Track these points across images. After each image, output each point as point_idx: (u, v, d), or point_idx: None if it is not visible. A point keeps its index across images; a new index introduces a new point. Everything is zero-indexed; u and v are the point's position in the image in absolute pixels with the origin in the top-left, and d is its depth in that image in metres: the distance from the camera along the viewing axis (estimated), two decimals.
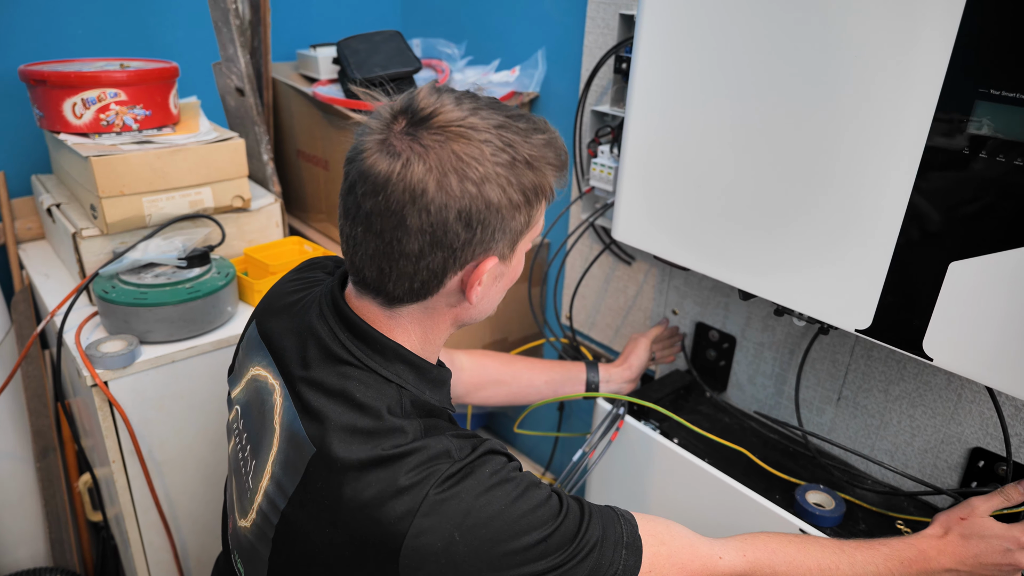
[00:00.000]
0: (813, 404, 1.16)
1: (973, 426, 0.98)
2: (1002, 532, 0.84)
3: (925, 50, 0.72)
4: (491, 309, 0.79)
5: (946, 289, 0.76)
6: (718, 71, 0.90)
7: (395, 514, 0.63)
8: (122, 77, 1.21)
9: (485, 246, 0.68)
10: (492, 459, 0.69)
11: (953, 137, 0.72)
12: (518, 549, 0.65)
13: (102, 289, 1.12)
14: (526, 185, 0.68)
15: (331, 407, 0.69)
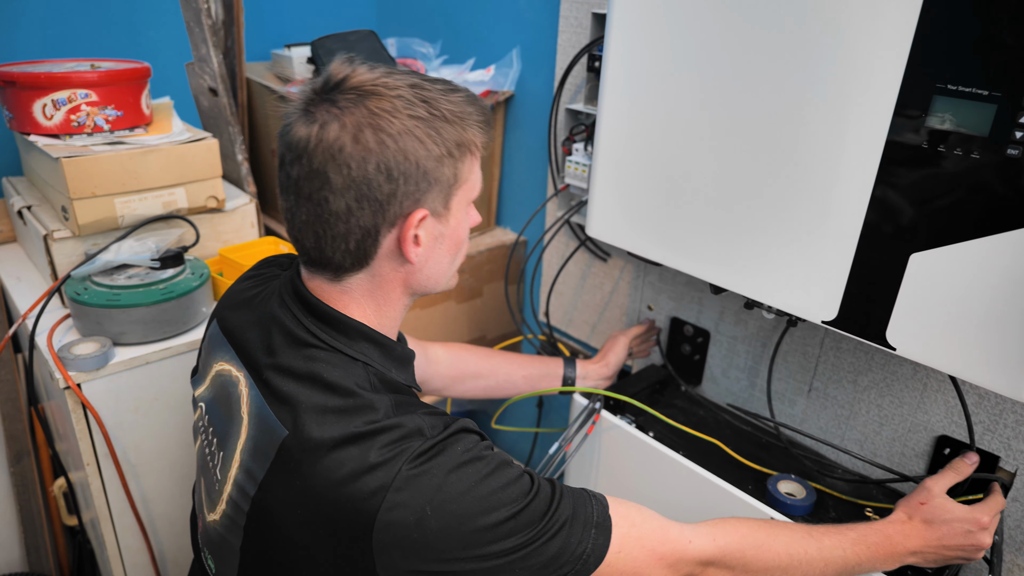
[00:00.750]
0: (785, 396, 1.18)
1: (939, 414, 1.00)
2: (963, 515, 0.86)
3: (885, 47, 0.73)
4: (442, 276, 0.79)
5: (907, 280, 0.78)
6: (686, 68, 0.91)
7: (368, 489, 0.64)
8: (93, 78, 1.20)
9: (412, 198, 0.70)
10: (465, 437, 0.70)
11: (912, 132, 0.73)
12: (488, 525, 0.65)
13: (74, 291, 1.11)
14: (446, 138, 0.70)
15: (300, 390, 0.70)
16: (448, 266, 0.79)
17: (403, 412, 0.70)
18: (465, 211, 0.77)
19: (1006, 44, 0.66)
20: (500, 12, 1.52)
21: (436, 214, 0.73)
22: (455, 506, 0.65)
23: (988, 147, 0.69)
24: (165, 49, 1.55)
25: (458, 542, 0.65)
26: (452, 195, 0.73)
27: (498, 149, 1.61)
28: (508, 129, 1.59)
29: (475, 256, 1.55)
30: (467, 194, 0.76)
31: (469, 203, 0.77)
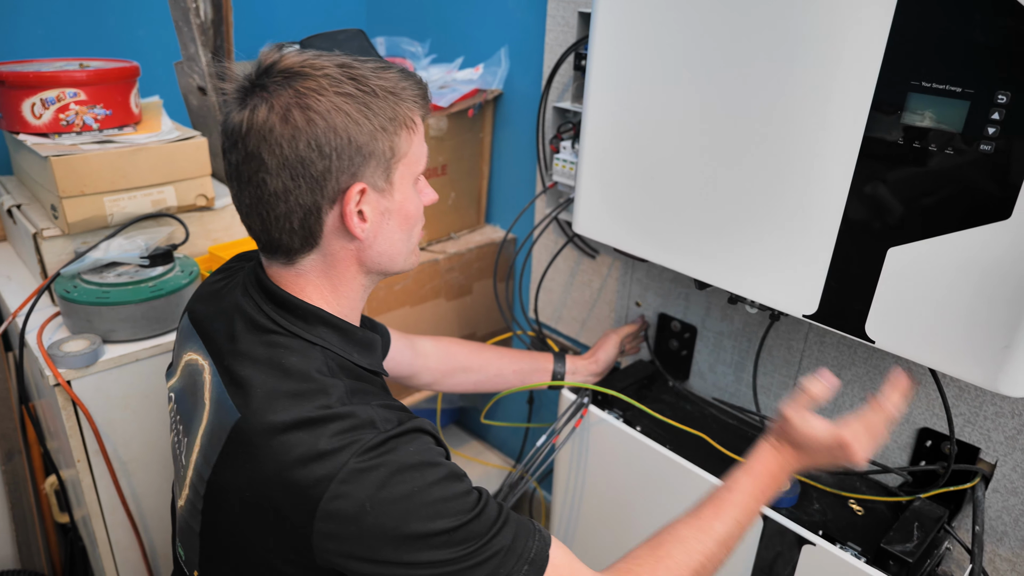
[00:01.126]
0: (771, 390, 1.19)
1: (920, 407, 1.01)
2: (823, 438, 0.84)
3: (861, 45, 0.75)
4: (398, 254, 0.79)
5: (885, 274, 0.79)
6: (669, 66, 0.92)
7: (314, 477, 0.65)
8: (81, 77, 1.20)
9: (349, 173, 0.71)
10: (418, 438, 0.70)
11: (888, 128, 0.74)
12: (423, 533, 0.66)
13: (64, 289, 1.12)
14: (377, 112, 0.71)
15: (256, 374, 0.71)
16: (402, 243, 0.79)
17: (358, 401, 0.71)
18: (412, 186, 0.78)
19: (977, 42, 0.67)
20: (488, 11, 1.53)
21: (378, 189, 0.74)
22: (395, 507, 0.65)
23: (962, 143, 0.70)
24: (155, 48, 1.56)
25: (391, 543, 0.65)
26: (392, 169, 0.74)
27: (487, 147, 1.61)
28: (497, 127, 1.60)
29: (464, 254, 1.56)
30: (410, 168, 0.76)
31: (416, 178, 0.78)
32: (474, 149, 1.59)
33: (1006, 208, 0.69)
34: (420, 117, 0.77)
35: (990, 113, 0.67)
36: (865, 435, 0.82)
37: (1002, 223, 0.69)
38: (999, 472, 0.96)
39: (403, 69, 0.76)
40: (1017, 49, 0.65)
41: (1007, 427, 0.93)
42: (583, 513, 1.28)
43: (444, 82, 1.51)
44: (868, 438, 0.82)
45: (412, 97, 0.75)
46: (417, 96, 0.75)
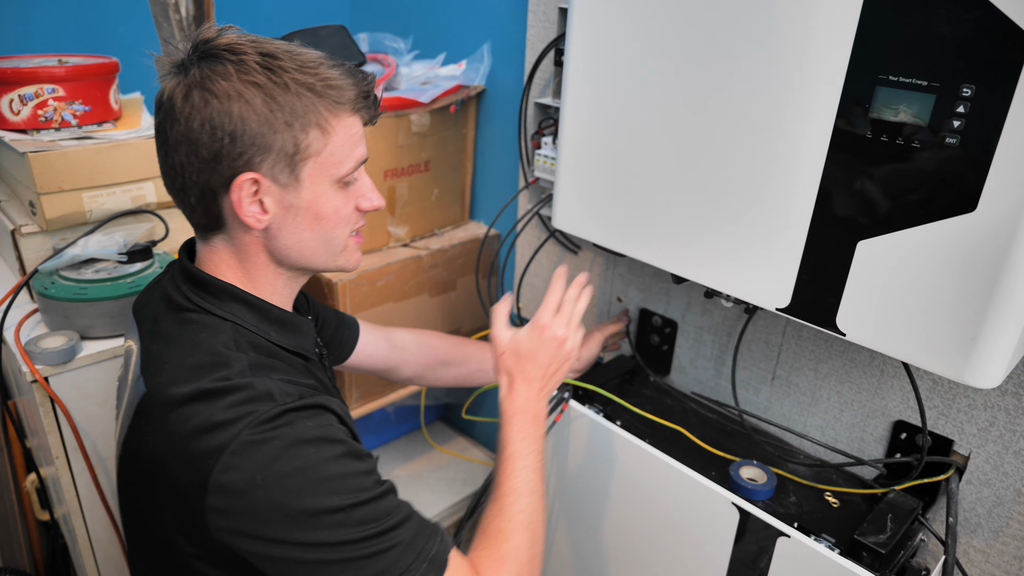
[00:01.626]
0: (750, 384, 1.20)
1: (895, 400, 1.02)
2: (528, 332, 0.90)
3: (830, 40, 0.75)
4: (311, 252, 0.78)
5: (855, 267, 0.79)
6: (643, 61, 0.93)
7: (207, 448, 0.65)
8: (60, 73, 1.20)
9: (242, 160, 0.71)
10: (320, 415, 0.70)
11: (857, 122, 0.75)
12: (316, 509, 0.65)
13: (41, 285, 1.11)
14: (283, 106, 0.70)
15: (166, 350, 0.73)
16: (316, 242, 0.78)
17: (259, 374, 0.71)
18: (329, 187, 0.76)
19: (943, 35, 0.68)
20: (471, 7, 1.53)
21: (279, 183, 0.73)
22: (287, 481, 0.64)
23: (928, 136, 0.70)
24: (137, 45, 1.55)
25: (282, 519, 0.65)
26: (299, 167, 0.73)
27: (471, 143, 1.61)
28: (480, 124, 1.60)
29: (448, 250, 1.56)
30: (324, 168, 0.74)
31: (335, 180, 0.76)
32: (457, 145, 1.59)
33: (972, 201, 0.69)
34: (346, 119, 0.75)
35: (955, 106, 0.68)
36: (555, 314, 0.90)
37: (968, 216, 0.70)
38: (972, 464, 0.96)
39: (352, 69, 0.75)
40: (980, 42, 0.66)
41: (980, 419, 0.94)
42: (564, 507, 1.28)
43: (426, 78, 1.51)
44: (560, 317, 0.91)
45: (339, 98, 0.73)
46: (348, 98, 0.74)
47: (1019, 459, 0.92)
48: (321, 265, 0.81)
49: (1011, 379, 0.90)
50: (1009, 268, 0.69)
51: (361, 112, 0.77)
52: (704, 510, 1.03)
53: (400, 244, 1.56)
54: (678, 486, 1.05)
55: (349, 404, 1.51)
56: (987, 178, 0.68)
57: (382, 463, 1.81)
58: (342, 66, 0.75)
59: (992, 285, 0.70)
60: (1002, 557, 0.97)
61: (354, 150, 0.76)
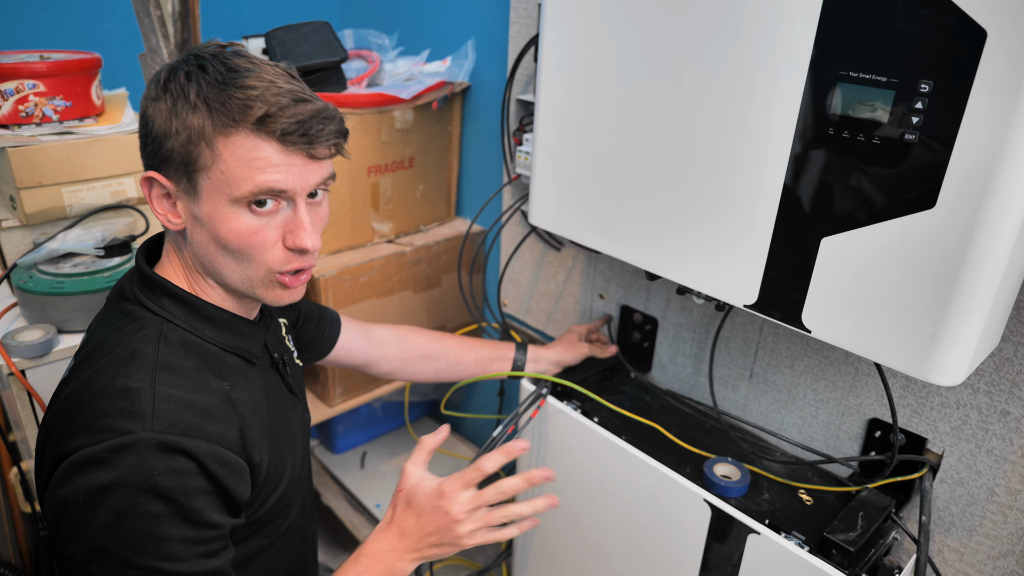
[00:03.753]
0: (728, 381, 1.20)
1: (870, 398, 1.02)
2: (430, 488, 0.83)
3: (792, 36, 0.75)
4: (219, 267, 0.78)
5: (819, 264, 0.79)
6: (613, 58, 0.93)
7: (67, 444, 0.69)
8: (41, 68, 1.21)
9: (154, 160, 0.75)
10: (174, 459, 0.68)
11: (819, 119, 0.75)
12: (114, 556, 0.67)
13: (20, 279, 1.12)
14: (180, 114, 0.72)
15: (96, 337, 0.79)
16: (224, 260, 0.76)
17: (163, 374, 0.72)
18: (228, 207, 0.73)
19: (901, 31, 0.67)
20: (456, 4, 1.53)
21: (183, 190, 0.75)
22: (104, 515, 0.66)
23: (888, 132, 0.70)
24: (123, 41, 1.56)
25: (83, 544, 0.67)
26: (196, 179, 0.73)
27: (456, 140, 1.62)
28: (466, 120, 1.60)
29: (432, 246, 1.57)
30: (217, 187, 0.72)
31: (232, 200, 0.73)
32: (443, 142, 1.59)
33: (931, 197, 0.69)
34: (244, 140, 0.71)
35: (914, 102, 0.68)
36: (469, 494, 0.82)
37: (927, 212, 0.70)
38: (946, 463, 0.96)
39: (301, 97, 0.72)
40: (938, 38, 0.66)
41: (952, 418, 0.94)
42: None
43: (411, 74, 1.52)
44: (473, 500, 0.82)
45: (237, 117, 0.70)
46: (248, 119, 0.70)
47: (991, 458, 0.92)
48: (238, 287, 0.79)
49: (982, 377, 0.90)
50: (968, 265, 0.69)
51: (281, 140, 0.71)
52: (678, 507, 1.03)
53: (384, 240, 1.56)
54: (652, 483, 1.06)
55: (332, 400, 1.52)
56: (946, 174, 0.68)
57: (369, 458, 1.82)
58: (279, 89, 0.71)
59: (952, 282, 0.70)
60: (976, 556, 0.97)
61: (255, 174, 0.71)
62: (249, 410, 0.79)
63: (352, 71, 1.49)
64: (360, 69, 1.51)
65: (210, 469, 0.70)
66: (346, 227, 1.48)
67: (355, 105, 1.38)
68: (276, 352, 0.93)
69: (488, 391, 1.76)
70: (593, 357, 1.31)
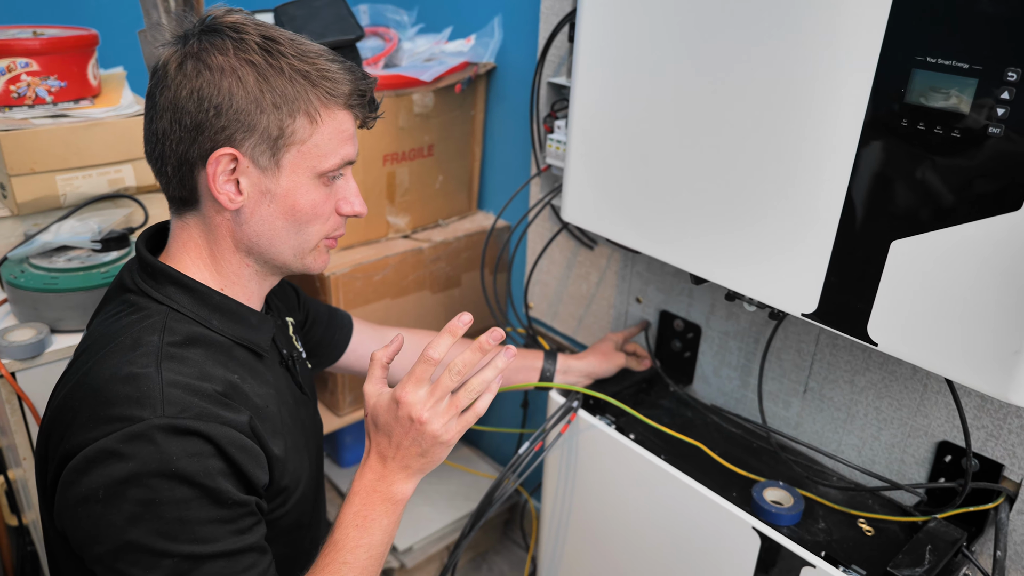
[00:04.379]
0: (779, 397, 1.19)
1: (939, 418, 1.01)
2: (386, 403, 0.82)
3: (860, 20, 0.74)
4: (280, 243, 0.82)
5: (888, 270, 0.79)
6: (660, 43, 0.93)
7: (76, 439, 0.71)
8: (34, 45, 1.23)
9: (224, 135, 0.76)
10: (191, 442, 0.70)
11: (891, 110, 0.74)
12: (145, 547, 0.69)
13: (11, 274, 1.14)
14: (274, 87, 0.76)
15: (97, 329, 0.81)
16: (287, 233, 0.82)
17: (168, 363, 0.74)
18: (310, 179, 0.80)
19: (987, 13, 0.67)
20: None
21: (259, 165, 0.78)
22: (127, 507, 0.68)
23: (969, 124, 0.70)
24: (119, 16, 1.58)
25: (109, 541, 0.68)
26: (281, 152, 0.78)
27: (479, 126, 1.62)
28: (490, 104, 1.61)
29: (452, 242, 1.57)
30: (307, 159, 0.79)
31: (316, 174, 0.80)
32: (465, 128, 1.60)
33: (1017, 198, 0.68)
34: (338, 113, 0.80)
35: (999, 92, 0.67)
36: (423, 390, 0.80)
37: (1012, 214, 0.69)
38: None
39: (351, 67, 0.81)
40: None
41: None
42: (573, 525, 1.29)
43: (431, 54, 1.53)
44: (430, 395, 0.80)
45: (333, 91, 0.78)
46: (343, 92, 0.79)
47: None
48: (288, 260, 0.85)
49: None
50: None
51: (355, 110, 0.82)
52: (723, 535, 1.03)
53: (400, 235, 1.57)
54: (695, 508, 1.05)
55: (341, 409, 1.53)
56: None
57: None
58: (342, 62, 0.80)
59: None
60: None
61: (341, 147, 0.81)
62: (259, 403, 0.82)
63: (367, 50, 1.50)
64: (376, 48, 1.52)
65: (227, 451, 0.73)
66: (358, 220, 1.49)
67: None
68: (285, 349, 0.95)
69: (511, 403, 1.77)
70: (628, 368, 1.31)
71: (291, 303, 1.11)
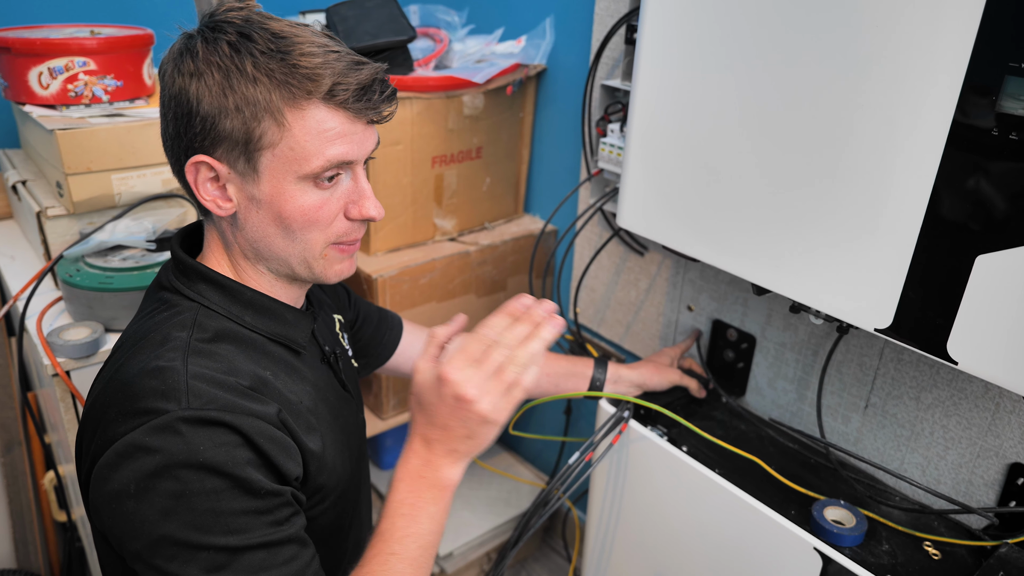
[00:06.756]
0: (838, 411, 1.16)
1: (1012, 439, 0.97)
2: (431, 381, 0.76)
3: (950, 20, 0.71)
4: (277, 249, 0.79)
5: (973, 285, 0.76)
6: (728, 45, 0.90)
7: (106, 433, 0.71)
8: (92, 45, 1.24)
9: (198, 141, 0.75)
10: (218, 433, 0.69)
11: (980, 116, 0.71)
12: (179, 541, 0.68)
13: (66, 273, 1.15)
14: (235, 90, 0.72)
15: (132, 326, 0.81)
16: (282, 241, 0.79)
17: (195, 358, 0.73)
18: (294, 184, 0.75)
19: None
20: None
21: (238, 171, 0.76)
22: (159, 501, 0.67)
23: None
24: (172, 15, 1.59)
25: (144, 536, 0.68)
26: (255, 157, 0.74)
27: (528, 129, 1.61)
28: (540, 107, 1.59)
29: (499, 246, 1.56)
30: (284, 163, 0.74)
31: (300, 177, 0.75)
32: (513, 130, 1.58)
33: None
34: (313, 111, 0.73)
35: None
36: (473, 368, 0.73)
37: None
38: None
39: (351, 61, 0.74)
40: None
41: None
42: (620, 538, 1.27)
43: (481, 55, 1.51)
44: (479, 372, 0.73)
45: (303, 88, 0.72)
46: (319, 90, 0.72)
47: None
48: (295, 268, 0.81)
49: None
50: None
51: (349, 108, 0.75)
52: (781, 554, 1.00)
53: (447, 238, 1.56)
54: (752, 525, 1.02)
55: (384, 412, 1.53)
56: None
57: None
58: (330, 53, 0.74)
59: None
60: None
61: (325, 146, 0.75)
62: (292, 399, 0.80)
63: (418, 51, 1.49)
64: (426, 49, 1.51)
65: (255, 441, 0.71)
66: (406, 222, 1.48)
67: (422, 89, 1.38)
68: (327, 345, 0.94)
69: (554, 409, 1.75)
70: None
71: (341, 302, 1.11)
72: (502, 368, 0.74)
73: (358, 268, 1.42)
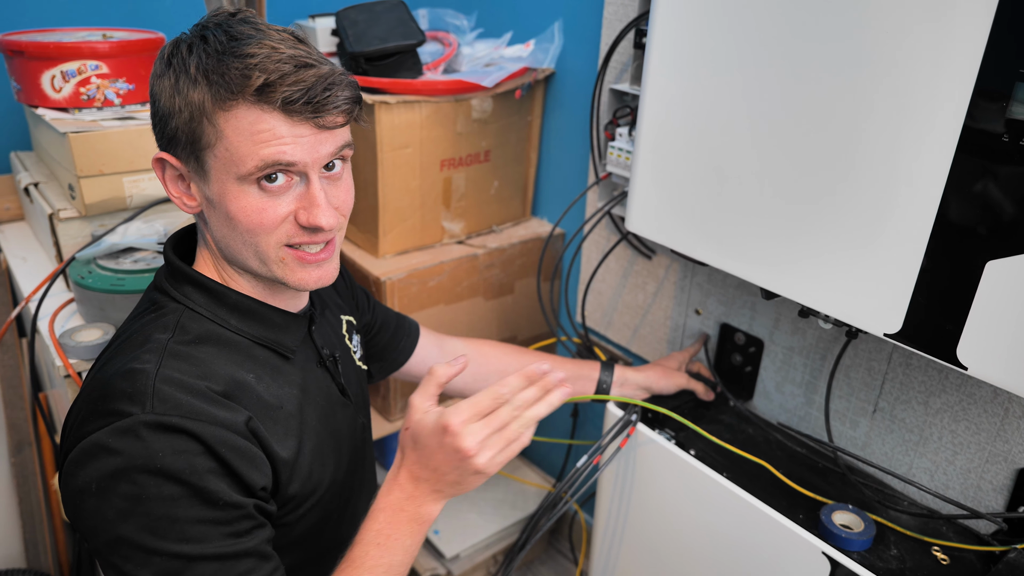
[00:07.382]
0: (847, 416, 1.16)
1: (1021, 444, 0.97)
2: (430, 424, 0.77)
3: (961, 25, 0.71)
4: (239, 253, 0.79)
5: (983, 290, 0.76)
6: (738, 49, 0.90)
7: (81, 429, 0.72)
8: (104, 48, 1.25)
9: (164, 140, 0.78)
10: (177, 440, 0.70)
11: (991, 122, 0.71)
12: (134, 543, 0.68)
13: (78, 274, 1.16)
14: (181, 91, 0.73)
15: (122, 325, 0.84)
16: (237, 242, 0.78)
17: (170, 361, 0.74)
18: (233, 184, 0.74)
19: None
20: None
21: (193, 170, 0.77)
22: (117, 502, 0.68)
23: None
24: (183, 19, 1.60)
25: (103, 534, 0.69)
26: (203, 157, 0.75)
27: (536, 132, 1.61)
28: (548, 110, 1.59)
29: (507, 249, 1.56)
30: (223, 164, 0.74)
31: (239, 178, 0.74)
32: (521, 134, 1.58)
33: None
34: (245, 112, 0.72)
35: None
36: (479, 423, 0.75)
37: None
38: None
39: (301, 60, 0.72)
40: None
41: None
42: (627, 541, 1.27)
43: (490, 59, 1.52)
44: (484, 428, 0.75)
45: (234, 89, 0.71)
46: (243, 88, 0.71)
47: None
48: (257, 270, 0.80)
49: None
50: None
51: (286, 110, 0.72)
52: (789, 559, 1.00)
53: (455, 241, 1.57)
54: (760, 529, 1.03)
55: (392, 415, 1.53)
56: None
57: None
58: (282, 55, 0.72)
59: None
60: None
61: (259, 148, 0.72)
62: (273, 403, 0.81)
63: (427, 55, 1.49)
64: (435, 53, 1.51)
65: (217, 450, 0.71)
66: (415, 225, 1.48)
67: (432, 92, 1.38)
68: (327, 348, 0.93)
69: (561, 411, 1.75)
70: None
71: (359, 304, 1.11)
72: (506, 424, 0.77)
73: (366, 270, 1.43)
